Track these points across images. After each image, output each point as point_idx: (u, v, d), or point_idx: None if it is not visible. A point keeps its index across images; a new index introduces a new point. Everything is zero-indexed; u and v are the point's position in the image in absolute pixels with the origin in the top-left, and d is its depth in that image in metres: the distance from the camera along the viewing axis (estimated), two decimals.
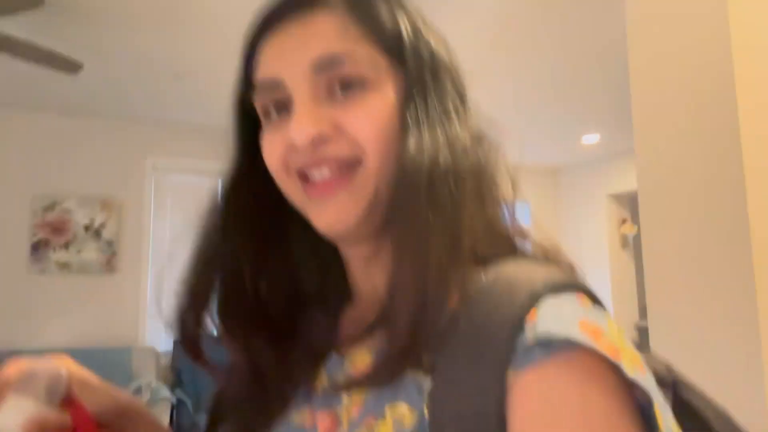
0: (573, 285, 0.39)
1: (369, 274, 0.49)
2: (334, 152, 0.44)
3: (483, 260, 0.42)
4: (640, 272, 6.02)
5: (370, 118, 0.43)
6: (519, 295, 0.37)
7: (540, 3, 2.38)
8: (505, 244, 0.45)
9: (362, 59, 0.44)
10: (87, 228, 4.37)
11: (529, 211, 0.56)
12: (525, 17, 2.50)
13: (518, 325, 0.36)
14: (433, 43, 0.48)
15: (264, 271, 0.51)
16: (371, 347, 0.45)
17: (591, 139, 5.13)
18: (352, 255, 0.50)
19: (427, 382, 0.39)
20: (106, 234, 4.42)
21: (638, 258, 5.97)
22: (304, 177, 0.45)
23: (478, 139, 0.47)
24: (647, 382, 0.35)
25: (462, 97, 0.49)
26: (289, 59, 0.44)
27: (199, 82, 3.88)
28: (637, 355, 0.36)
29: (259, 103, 0.47)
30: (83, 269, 4.33)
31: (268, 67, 0.46)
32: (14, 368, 0.45)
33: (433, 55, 0.48)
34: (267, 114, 0.47)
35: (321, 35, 0.44)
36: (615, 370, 0.34)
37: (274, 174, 0.47)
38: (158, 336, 4.52)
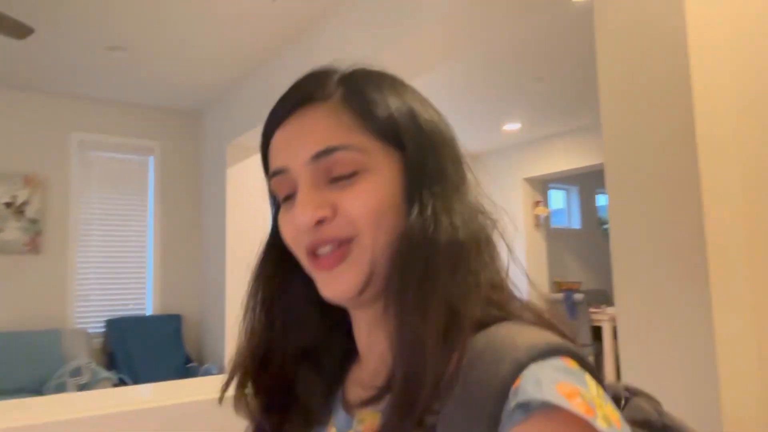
0: (558, 349, 0.41)
1: (374, 336, 0.52)
2: (333, 231, 0.48)
3: (480, 325, 0.45)
4: (551, 250, 6.60)
5: (362, 199, 0.47)
6: (504, 364, 0.40)
7: (482, 6, 2.59)
8: (500, 308, 0.47)
9: (355, 148, 0.48)
10: (8, 206, 4.14)
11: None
12: (463, 19, 2.71)
13: (503, 394, 0.39)
14: (429, 121, 0.52)
15: (282, 324, 0.57)
16: (379, 409, 0.47)
17: (512, 126, 5.52)
18: (359, 318, 0.54)
19: None
20: (30, 212, 4.22)
21: (548, 237, 6.52)
22: (312, 252, 0.50)
23: (476, 211, 0.51)
24: None
25: (460, 171, 0.52)
26: (292, 152, 0.50)
27: (134, 58, 3.79)
28: (615, 412, 0.39)
29: (273, 188, 0.53)
30: (5, 249, 4.11)
31: (276, 158, 0.52)
32: None
33: (429, 133, 0.51)
34: (281, 197, 0.53)
35: (318, 129, 0.49)
36: (587, 426, 0.37)
37: (290, 247, 0.53)
38: (87, 317, 4.40)
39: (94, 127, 4.55)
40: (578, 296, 5.72)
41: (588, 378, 0.40)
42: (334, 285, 0.49)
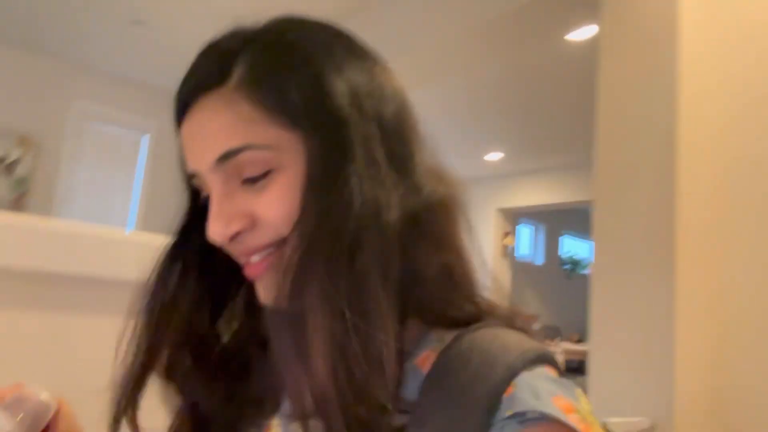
0: (545, 357, 0.41)
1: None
2: (256, 242, 0.43)
3: (456, 322, 0.43)
4: (513, 281, 6.88)
5: (280, 203, 0.42)
6: (497, 369, 0.38)
7: (475, 37, 2.78)
8: (473, 302, 0.45)
9: (259, 146, 0.42)
10: (0, 161, 4.16)
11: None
12: (450, 48, 2.88)
13: (496, 401, 0.37)
14: (352, 92, 0.43)
15: (222, 313, 0.52)
16: None
17: (494, 156, 5.83)
18: None
19: None
20: (20, 171, 4.24)
21: (512, 268, 6.82)
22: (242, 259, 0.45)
23: (420, 194, 0.43)
24: None
25: (397, 154, 0.44)
26: (197, 154, 0.44)
27: (152, 34, 3.93)
28: (602, 430, 0.39)
29: (194, 186, 0.48)
30: None
31: (186, 158, 0.46)
32: (12, 388, 0.46)
33: (355, 115, 0.42)
34: (202, 198, 0.47)
35: (216, 128, 0.43)
36: None
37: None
38: None
39: (97, 99, 4.63)
40: (535, 327, 5.99)
41: (578, 392, 0.39)
42: (265, 293, 0.44)
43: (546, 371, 0.40)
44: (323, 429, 0.38)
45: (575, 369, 5.80)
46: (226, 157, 0.42)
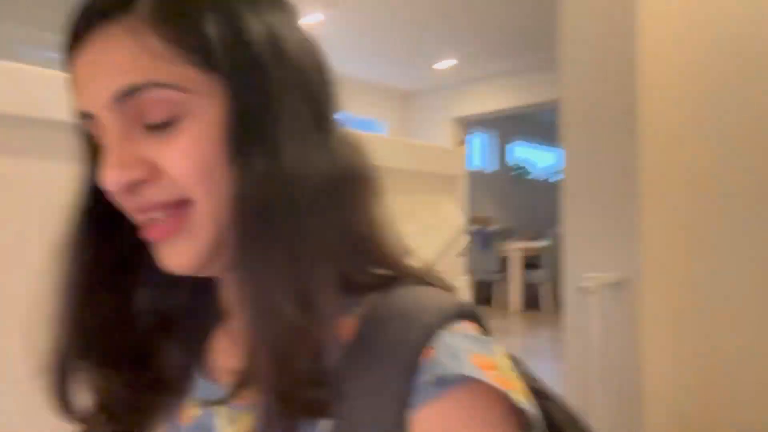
0: (464, 313, 0.40)
1: (239, 295, 0.42)
2: (157, 196, 0.38)
3: (370, 286, 0.41)
4: (469, 186, 7.08)
5: (186, 154, 0.37)
6: (414, 331, 0.37)
7: None
8: (388, 265, 0.44)
9: (166, 85, 0.37)
10: None
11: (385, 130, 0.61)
12: None
13: (414, 365, 0.36)
14: (271, 40, 0.39)
15: (123, 292, 0.46)
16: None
17: (446, 63, 5.85)
18: (213, 282, 0.46)
19: (321, 425, 0.38)
20: None
21: (468, 175, 7.02)
22: (139, 217, 0.40)
23: (338, 157, 0.42)
24: (533, 409, 0.37)
25: (319, 111, 0.41)
26: (91, 92, 0.38)
27: None
28: (522, 385, 0.38)
29: (84, 129, 0.42)
30: None
31: (77, 98, 0.40)
32: None
33: (267, 56, 0.39)
34: (98, 140, 0.41)
35: (117, 60, 0.37)
36: (505, 398, 0.36)
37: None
38: None
39: None
40: (492, 228, 6.30)
41: (496, 347, 0.39)
42: (171, 258, 0.40)
43: (465, 328, 0.39)
44: (258, 405, 0.37)
45: (533, 266, 6.21)
46: (126, 94, 0.37)
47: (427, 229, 1.15)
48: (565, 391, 2.14)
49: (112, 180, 0.37)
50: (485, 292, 6.31)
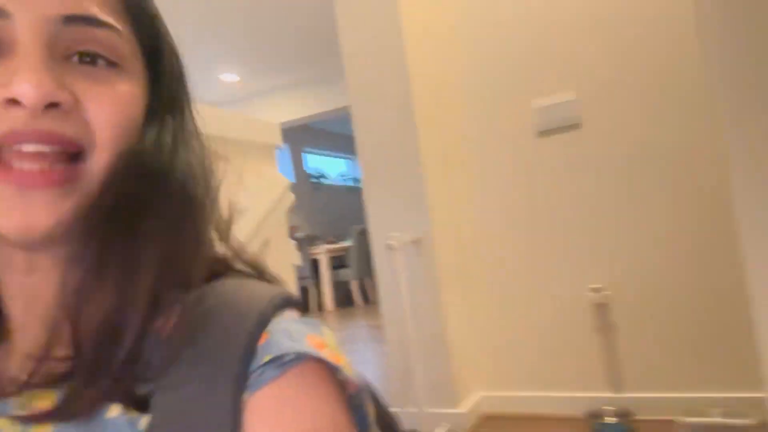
0: (290, 301, 0.41)
1: (40, 289, 0.39)
2: (61, 127, 0.34)
3: (199, 280, 0.40)
4: None
5: (116, 104, 0.36)
6: (248, 320, 0.37)
7: None
8: (216, 262, 0.44)
9: (124, 38, 0.38)
10: None
11: None
12: None
13: (250, 351, 0.36)
14: (175, 49, 0.44)
15: None
16: (55, 388, 0.37)
17: (230, 77, 5.93)
18: (23, 260, 0.38)
19: (143, 420, 0.35)
20: None
21: None
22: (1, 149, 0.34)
23: (206, 151, 0.44)
24: (360, 381, 0.39)
25: (190, 105, 0.45)
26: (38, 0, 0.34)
27: None
28: (347, 360, 0.39)
29: None
30: None
31: None
32: None
33: (177, 54, 0.44)
34: None
35: None
36: (336, 373, 0.37)
37: None
38: None
39: None
40: (298, 235, 6.53)
41: (324, 329, 0.40)
42: (34, 215, 0.34)
43: (294, 314, 0.41)
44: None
45: (341, 266, 6.57)
46: (85, 21, 0.35)
47: (258, 190, 1.30)
48: (387, 343, 2.43)
49: (41, 89, 0.32)
50: (302, 297, 6.45)
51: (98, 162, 0.36)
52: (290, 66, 5.75)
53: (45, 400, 0.37)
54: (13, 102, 0.33)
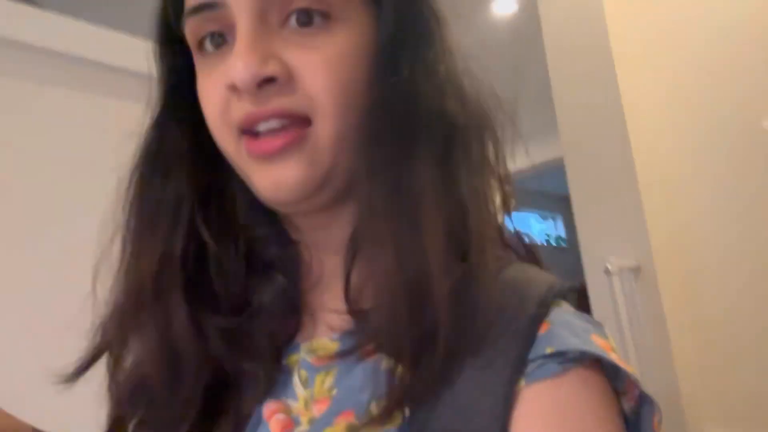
0: (566, 292, 0.38)
1: (318, 244, 0.42)
2: (283, 102, 0.35)
3: (479, 251, 0.37)
4: None
5: (329, 65, 0.35)
6: (528, 303, 0.35)
7: None
8: (496, 237, 0.41)
9: None
10: None
11: None
12: None
13: (532, 336, 0.34)
14: None
15: (208, 236, 0.41)
16: (335, 338, 0.39)
17: None
18: (300, 222, 0.42)
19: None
20: None
21: None
22: (248, 130, 0.36)
23: (475, 91, 0.40)
24: (646, 394, 0.35)
25: (450, 51, 0.40)
26: None
27: None
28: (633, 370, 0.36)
29: (191, 30, 0.37)
30: None
31: None
32: None
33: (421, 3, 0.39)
34: (201, 47, 0.37)
35: None
36: (622, 379, 0.34)
37: (211, 124, 0.37)
38: None
39: None
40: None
41: (606, 330, 0.37)
42: (282, 174, 0.35)
43: (570, 308, 0.38)
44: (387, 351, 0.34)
45: None
46: None
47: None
48: None
49: (247, 68, 0.33)
50: None
51: (324, 127, 0.35)
52: None
53: (328, 350, 0.39)
54: (236, 89, 0.34)
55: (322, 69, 0.35)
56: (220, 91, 0.36)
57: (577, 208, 2.50)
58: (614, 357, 0.34)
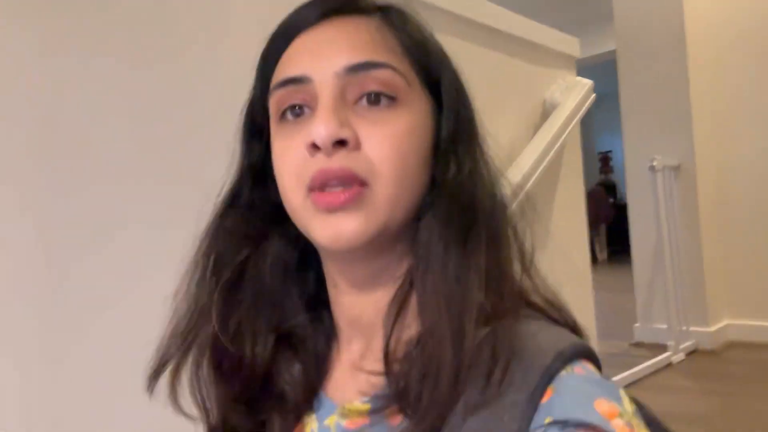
0: (582, 351, 0.38)
1: (359, 304, 0.44)
2: (348, 163, 0.39)
3: (496, 315, 0.39)
4: None
5: (391, 137, 0.39)
6: (532, 372, 0.36)
7: None
8: (516, 295, 0.42)
9: (400, 72, 0.41)
10: None
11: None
12: None
13: (532, 406, 0.35)
14: (458, 70, 0.46)
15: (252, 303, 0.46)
16: (366, 400, 0.41)
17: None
18: (345, 280, 0.45)
19: None
20: None
21: None
22: (317, 187, 0.40)
23: (500, 180, 0.45)
24: None
25: (482, 135, 0.45)
26: (322, 58, 0.41)
27: None
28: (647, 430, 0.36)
29: (276, 100, 0.42)
30: None
31: (297, 63, 0.42)
32: None
33: (462, 82, 0.45)
34: (283, 116, 0.42)
35: (359, 39, 0.41)
36: None
37: (285, 180, 0.42)
38: None
39: None
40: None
41: (621, 393, 0.36)
42: (344, 224, 0.39)
43: (584, 367, 0.37)
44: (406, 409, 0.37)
45: None
46: (366, 65, 0.40)
47: (563, 90, 1.63)
48: (635, 262, 2.59)
49: (329, 131, 0.38)
50: None
51: (381, 190, 0.39)
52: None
53: (359, 416, 0.41)
54: (314, 147, 0.39)
55: (385, 141, 0.39)
56: (298, 151, 0.40)
57: (625, 104, 2.57)
58: (617, 424, 0.33)
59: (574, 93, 1.59)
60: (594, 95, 1.66)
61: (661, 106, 2.44)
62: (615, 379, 2.00)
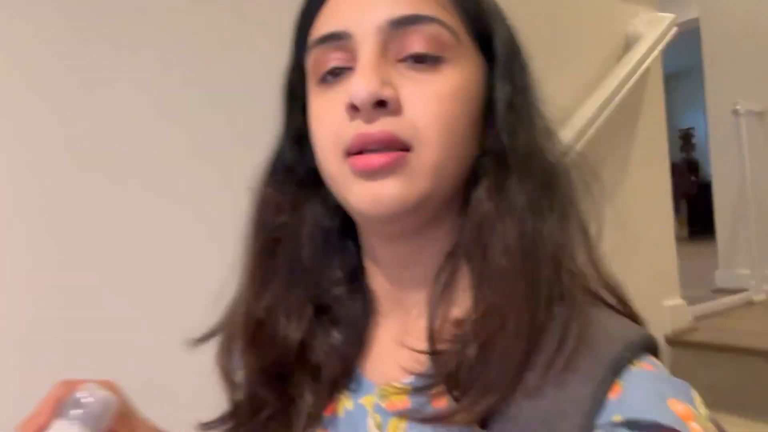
0: (648, 344, 0.36)
1: (400, 280, 0.42)
2: (389, 126, 0.36)
3: (562, 296, 0.36)
4: None
5: (437, 99, 0.36)
6: (598, 364, 0.33)
7: None
8: (582, 277, 0.39)
9: (449, 27, 0.37)
10: None
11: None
12: None
13: (601, 401, 0.32)
14: (513, 27, 0.42)
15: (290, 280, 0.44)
16: (408, 382, 0.38)
17: None
18: (385, 254, 0.42)
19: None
20: None
21: None
22: (355, 152, 0.37)
23: (560, 148, 0.41)
24: None
25: (539, 97, 0.41)
26: (363, 12, 0.37)
27: None
28: None
29: (315, 59, 0.39)
30: None
31: (336, 18, 0.38)
32: (63, 389, 0.39)
33: (514, 39, 0.42)
34: (320, 76, 0.39)
35: None
36: None
37: (321, 144, 0.39)
38: None
39: None
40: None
41: (694, 394, 0.34)
42: (378, 192, 0.36)
43: (654, 363, 0.35)
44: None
45: None
46: (411, 19, 0.37)
47: (644, 23, 1.75)
48: (717, 207, 2.63)
49: (369, 90, 0.35)
50: None
51: (425, 155, 0.36)
52: None
53: (400, 396, 0.38)
54: (353, 108, 0.36)
55: (430, 103, 0.36)
56: (336, 113, 0.37)
57: (706, 48, 2.60)
58: (694, 428, 0.31)
59: (655, 27, 1.71)
60: (676, 29, 1.76)
61: (744, 51, 2.47)
62: (697, 313, 2.09)
